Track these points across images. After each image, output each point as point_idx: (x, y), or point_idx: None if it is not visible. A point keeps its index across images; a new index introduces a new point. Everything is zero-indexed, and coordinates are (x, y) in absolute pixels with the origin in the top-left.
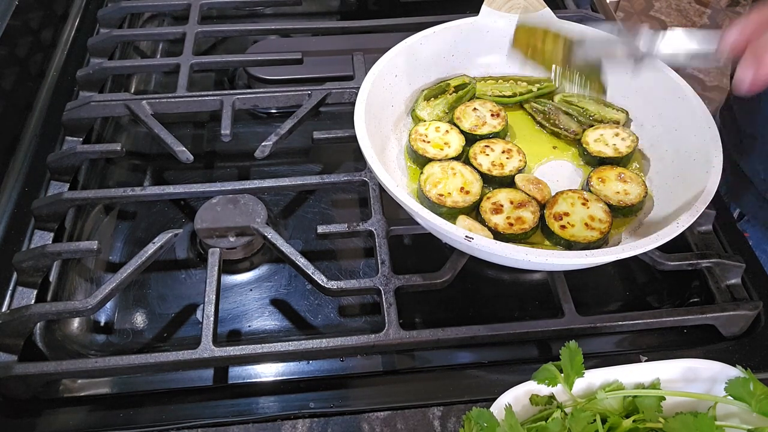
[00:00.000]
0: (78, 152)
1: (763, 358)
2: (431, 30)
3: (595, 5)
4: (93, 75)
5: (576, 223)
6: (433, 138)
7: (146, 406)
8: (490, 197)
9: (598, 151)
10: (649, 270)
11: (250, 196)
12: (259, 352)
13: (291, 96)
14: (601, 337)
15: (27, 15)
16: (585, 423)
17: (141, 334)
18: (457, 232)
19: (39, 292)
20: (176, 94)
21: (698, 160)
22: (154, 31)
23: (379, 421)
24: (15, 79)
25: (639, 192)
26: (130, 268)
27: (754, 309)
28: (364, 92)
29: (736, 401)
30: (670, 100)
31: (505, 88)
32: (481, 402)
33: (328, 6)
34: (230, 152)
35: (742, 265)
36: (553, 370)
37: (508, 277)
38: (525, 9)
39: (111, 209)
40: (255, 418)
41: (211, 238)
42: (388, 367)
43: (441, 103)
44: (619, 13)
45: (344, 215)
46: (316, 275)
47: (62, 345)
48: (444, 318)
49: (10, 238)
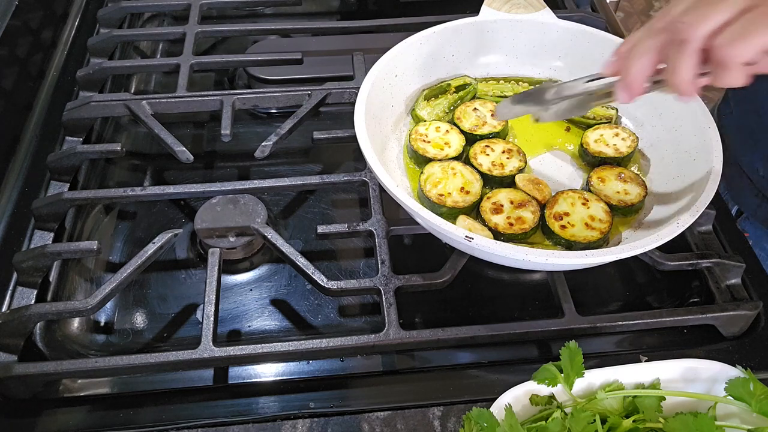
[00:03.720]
0: (78, 152)
1: (763, 358)
2: (431, 30)
3: (595, 5)
4: (93, 75)
5: (576, 223)
6: (433, 138)
7: (146, 406)
8: (490, 197)
9: (598, 151)
10: (649, 270)
11: (250, 196)
12: (259, 352)
13: (291, 96)
14: (601, 337)
15: (27, 15)
16: (585, 423)
17: (141, 334)
18: (457, 232)
19: (39, 292)
20: (176, 94)
21: (698, 160)
22: (154, 31)
23: (379, 421)
24: (15, 79)
25: (639, 192)
26: (130, 268)
27: (754, 309)
28: (364, 92)
29: (736, 401)
30: (670, 100)
31: (507, 89)
32: (481, 402)
33: (328, 6)
34: (230, 152)
35: (742, 265)
36: (553, 370)
37: (508, 277)
38: (525, 9)
39: (111, 209)
40: (255, 418)
41: (211, 238)
42: (388, 367)
43: (441, 103)
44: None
45: (344, 215)
46: (316, 275)
47: (62, 345)
48: (444, 318)
49: (10, 238)
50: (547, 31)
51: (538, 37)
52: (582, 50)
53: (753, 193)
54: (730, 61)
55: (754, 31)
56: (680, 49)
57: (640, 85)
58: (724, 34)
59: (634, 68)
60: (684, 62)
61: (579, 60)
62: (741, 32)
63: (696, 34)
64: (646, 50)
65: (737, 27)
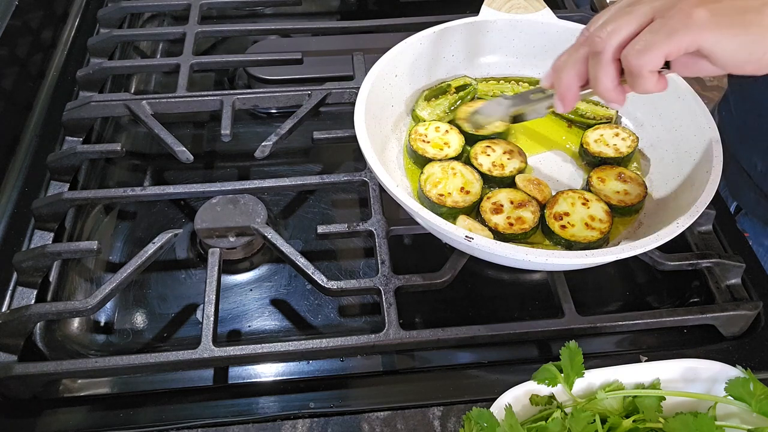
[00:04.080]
0: (78, 152)
1: (763, 358)
2: (431, 30)
3: (595, 5)
4: (93, 75)
5: (576, 223)
6: (432, 138)
7: (146, 406)
8: (491, 197)
9: (598, 151)
10: (649, 270)
11: (250, 196)
12: (259, 352)
13: (291, 96)
14: (601, 337)
15: (27, 15)
16: (585, 423)
17: (141, 334)
18: (457, 232)
19: (39, 292)
20: (176, 94)
21: (698, 160)
22: (154, 31)
23: (379, 421)
24: (15, 79)
25: (639, 192)
26: (130, 268)
27: (754, 309)
28: (364, 92)
29: (736, 401)
30: (670, 100)
31: (507, 89)
32: (481, 402)
33: (328, 6)
34: (230, 152)
35: (742, 265)
36: (553, 370)
37: (508, 277)
38: (525, 9)
39: (111, 209)
40: (255, 418)
41: (211, 238)
42: (388, 367)
43: (442, 103)
44: None
45: (344, 215)
46: (316, 275)
47: (62, 345)
48: (444, 318)
49: (10, 238)
50: (547, 31)
51: (538, 37)
52: None
53: (751, 190)
54: (639, 71)
55: (657, 41)
56: (597, 61)
57: (573, 97)
58: (631, 46)
59: (563, 81)
60: (601, 72)
61: None
62: (646, 43)
63: (607, 46)
64: (572, 64)
65: (642, 38)
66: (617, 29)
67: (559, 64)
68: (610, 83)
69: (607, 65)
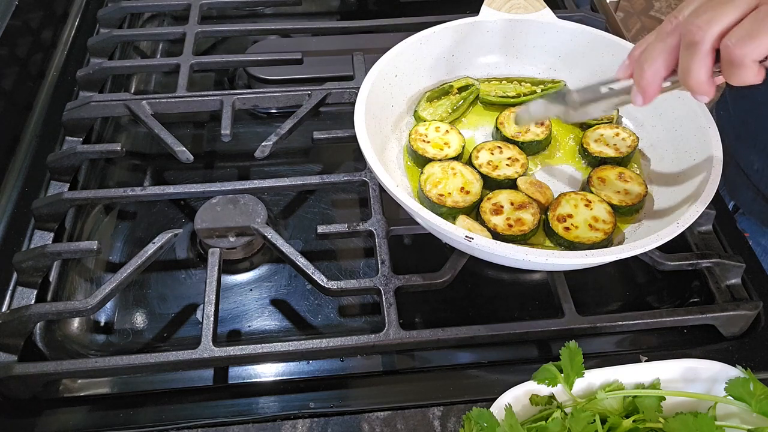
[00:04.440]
0: (78, 152)
1: (763, 358)
2: (431, 30)
3: (595, 5)
4: (93, 75)
5: (580, 224)
6: (432, 138)
7: (146, 406)
8: (491, 198)
9: (598, 151)
10: (649, 270)
11: (250, 196)
12: (259, 352)
13: (291, 96)
14: (601, 337)
15: (27, 15)
16: (585, 423)
17: (141, 334)
18: (457, 232)
19: (39, 292)
20: (176, 94)
21: (698, 160)
22: (154, 31)
23: (379, 421)
24: (15, 79)
25: (639, 192)
26: (130, 268)
27: (754, 309)
28: (364, 92)
29: (736, 401)
30: (670, 100)
31: (509, 89)
32: (481, 402)
33: (328, 6)
34: (230, 152)
35: (742, 265)
36: (553, 370)
37: (508, 277)
38: (525, 9)
39: (111, 209)
40: (255, 418)
41: (211, 238)
42: (388, 367)
43: (444, 104)
44: (619, 13)
45: (344, 215)
46: (316, 275)
47: (62, 345)
48: (444, 318)
49: (10, 238)
50: (547, 31)
51: (538, 37)
52: (582, 50)
53: (749, 189)
54: (741, 60)
55: (762, 29)
56: (692, 52)
57: (655, 89)
58: (734, 34)
59: (647, 73)
60: (697, 64)
61: (579, 60)
62: (750, 31)
63: (706, 36)
64: (659, 54)
65: (746, 26)
66: (717, 17)
67: (642, 55)
68: (704, 75)
69: (706, 56)
